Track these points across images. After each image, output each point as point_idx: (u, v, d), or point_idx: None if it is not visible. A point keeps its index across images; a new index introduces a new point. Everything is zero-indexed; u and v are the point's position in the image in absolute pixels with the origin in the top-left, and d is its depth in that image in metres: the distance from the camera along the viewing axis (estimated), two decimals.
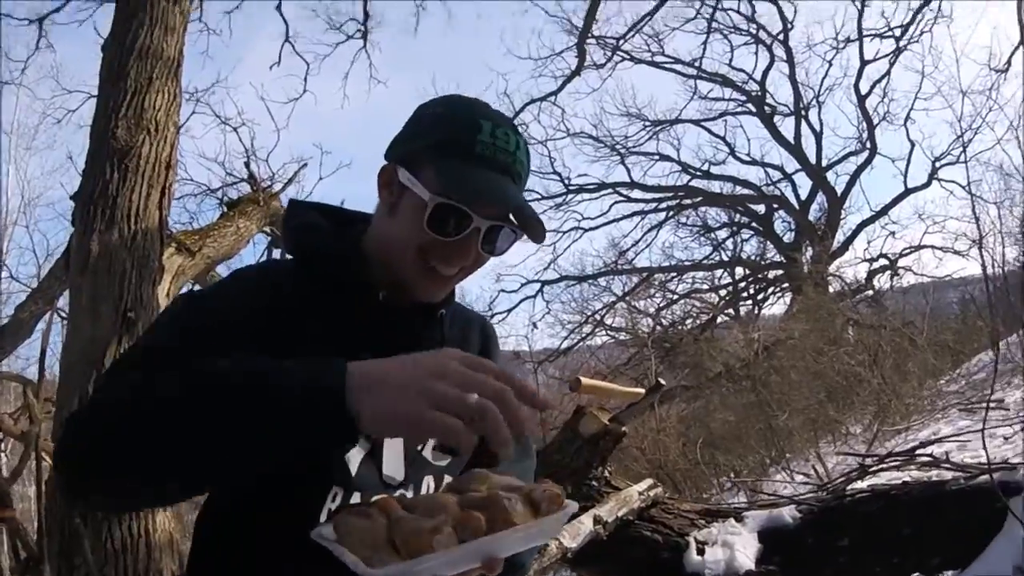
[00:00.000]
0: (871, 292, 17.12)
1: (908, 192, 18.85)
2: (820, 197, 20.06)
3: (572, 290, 20.16)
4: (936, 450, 4.06)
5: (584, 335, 18.85)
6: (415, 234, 1.22)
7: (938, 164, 18.07)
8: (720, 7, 19.26)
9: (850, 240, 19.38)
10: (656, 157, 20.73)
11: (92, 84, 4.27)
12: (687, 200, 20.99)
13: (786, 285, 19.13)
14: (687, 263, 20.60)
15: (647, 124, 20.56)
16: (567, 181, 20.45)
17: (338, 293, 1.27)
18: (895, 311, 13.30)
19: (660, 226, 20.80)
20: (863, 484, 3.74)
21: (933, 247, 17.86)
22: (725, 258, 20.92)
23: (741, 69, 20.23)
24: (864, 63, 19.04)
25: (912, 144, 18.79)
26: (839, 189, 19.75)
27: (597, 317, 19.09)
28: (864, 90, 19.08)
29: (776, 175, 20.66)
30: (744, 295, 20.46)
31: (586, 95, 28.45)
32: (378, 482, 1.25)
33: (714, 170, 20.84)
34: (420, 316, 1.33)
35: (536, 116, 23.58)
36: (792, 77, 19.79)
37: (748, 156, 20.71)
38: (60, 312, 5.64)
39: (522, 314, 24.24)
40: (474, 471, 1.10)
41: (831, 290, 15.64)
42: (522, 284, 19.93)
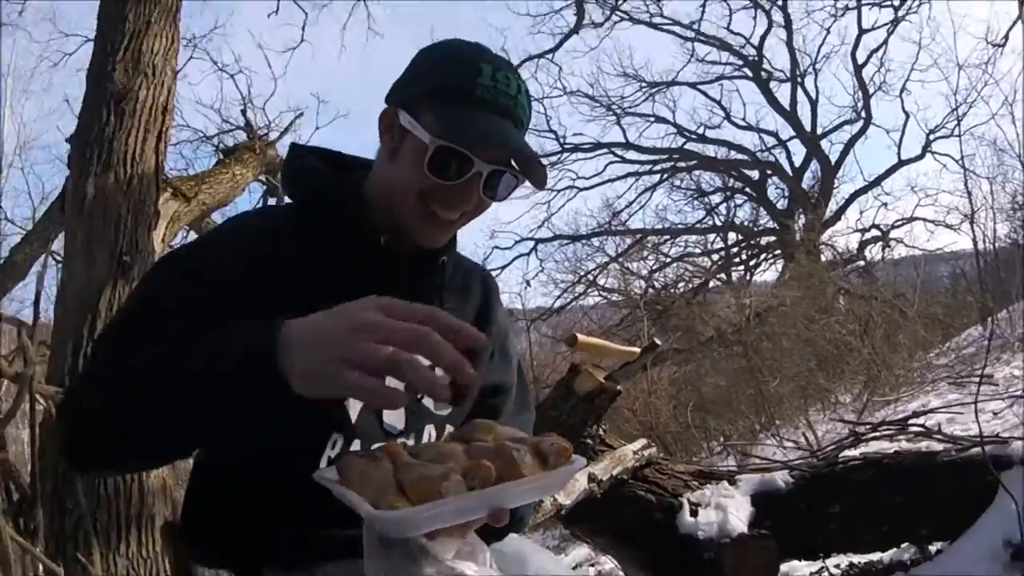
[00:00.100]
0: (862, 262, 17.10)
1: (901, 163, 18.91)
2: (814, 165, 20.10)
3: (566, 249, 20.18)
4: (928, 421, 4.08)
5: (577, 295, 18.91)
6: (416, 178, 1.21)
7: (932, 137, 18.11)
8: None
9: (843, 209, 19.45)
10: (652, 119, 20.68)
11: (89, 28, 4.21)
12: (681, 163, 20.98)
13: (778, 252, 19.19)
14: (680, 226, 20.62)
15: (643, 85, 20.48)
16: (562, 140, 20.39)
17: (338, 238, 1.26)
18: (886, 282, 13.31)
19: (654, 188, 20.84)
20: (855, 452, 3.76)
21: (925, 220, 17.96)
22: (718, 223, 20.95)
23: (739, 33, 20.09)
24: (862, 32, 18.94)
25: (907, 115, 18.83)
26: (833, 158, 19.78)
27: (590, 277, 19.14)
28: (861, 59, 19.01)
29: (771, 141, 20.68)
30: (736, 260, 20.51)
31: (583, 54, 28.14)
32: (378, 430, 1.25)
33: (709, 134, 20.81)
34: (421, 262, 1.31)
35: (533, 73, 23.32)
36: (789, 43, 19.69)
37: (743, 121, 20.68)
38: (55, 255, 5.59)
39: (515, 271, 24.22)
40: (477, 421, 1.09)
41: (823, 258, 15.65)
42: (516, 241, 19.93)
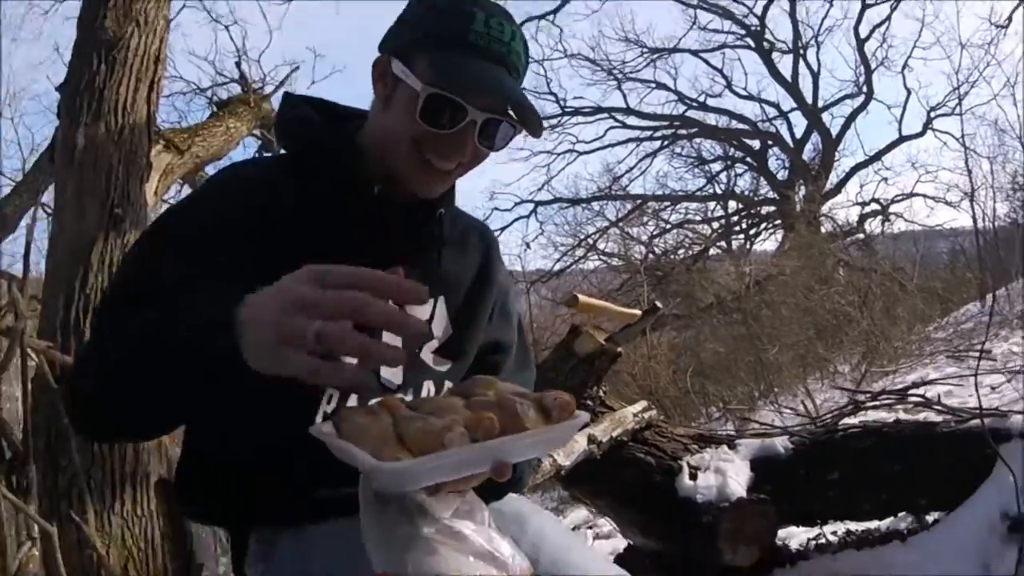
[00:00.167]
0: (862, 235, 17.16)
1: (902, 139, 18.93)
2: (815, 137, 20.11)
3: (565, 212, 20.17)
4: (927, 392, 4.06)
5: (577, 258, 18.93)
6: (409, 126, 1.18)
7: (933, 114, 18.13)
8: None
9: (843, 182, 19.50)
10: (653, 85, 20.60)
11: None
12: (682, 130, 20.90)
13: (778, 222, 19.19)
14: (681, 193, 20.60)
15: (645, 51, 20.38)
16: (563, 103, 20.28)
17: (332, 188, 1.23)
18: (885, 256, 13.36)
19: (655, 155, 20.80)
20: (854, 421, 3.75)
21: (925, 196, 18.03)
22: (719, 191, 20.95)
23: (742, 2, 19.88)
24: (865, 6, 18.78)
25: (908, 92, 18.84)
26: (834, 131, 19.76)
27: (590, 241, 19.14)
28: (864, 34, 18.90)
29: (772, 112, 20.61)
30: (736, 229, 20.52)
31: (585, 17, 27.90)
32: (376, 385, 1.23)
33: (710, 102, 20.77)
34: (417, 212, 1.28)
35: (534, 35, 23.16)
36: (792, 15, 19.54)
37: (745, 91, 20.59)
38: (46, 207, 5.53)
39: (515, 234, 24.26)
40: (478, 376, 1.08)
41: (823, 230, 15.68)
42: (516, 203, 19.94)
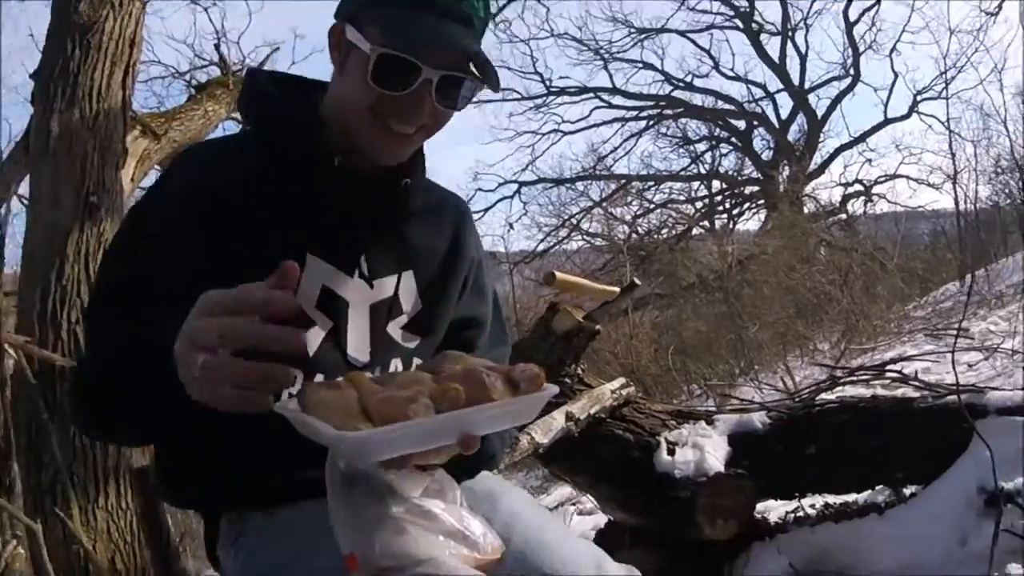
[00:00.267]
0: (844, 216, 17.29)
1: (888, 122, 19.03)
2: (800, 118, 20.17)
3: (549, 193, 20.17)
4: (905, 368, 4.07)
5: (560, 238, 18.97)
6: (364, 91, 1.14)
7: (919, 98, 18.21)
8: None
9: (827, 163, 19.62)
10: (639, 65, 20.56)
11: None
12: (668, 110, 20.92)
13: (762, 202, 19.24)
14: (665, 173, 20.62)
15: (632, 31, 20.32)
16: (548, 82, 20.25)
17: (294, 161, 1.20)
18: (867, 236, 13.44)
19: (640, 135, 20.81)
20: (832, 396, 3.76)
21: (908, 177, 18.17)
22: (703, 171, 20.97)
23: None
24: None
25: (895, 75, 19.14)
26: (819, 112, 19.84)
27: (574, 221, 19.13)
28: (853, 17, 18.92)
29: (758, 93, 20.64)
30: (720, 208, 20.59)
31: None
32: (342, 362, 1.21)
33: (697, 83, 20.73)
34: (382, 184, 1.25)
35: (520, 13, 23.21)
36: None
37: (732, 71, 20.61)
38: (23, 199, 5.46)
39: (499, 214, 24.21)
40: (448, 352, 1.06)
41: (806, 210, 15.76)
42: (499, 184, 19.92)
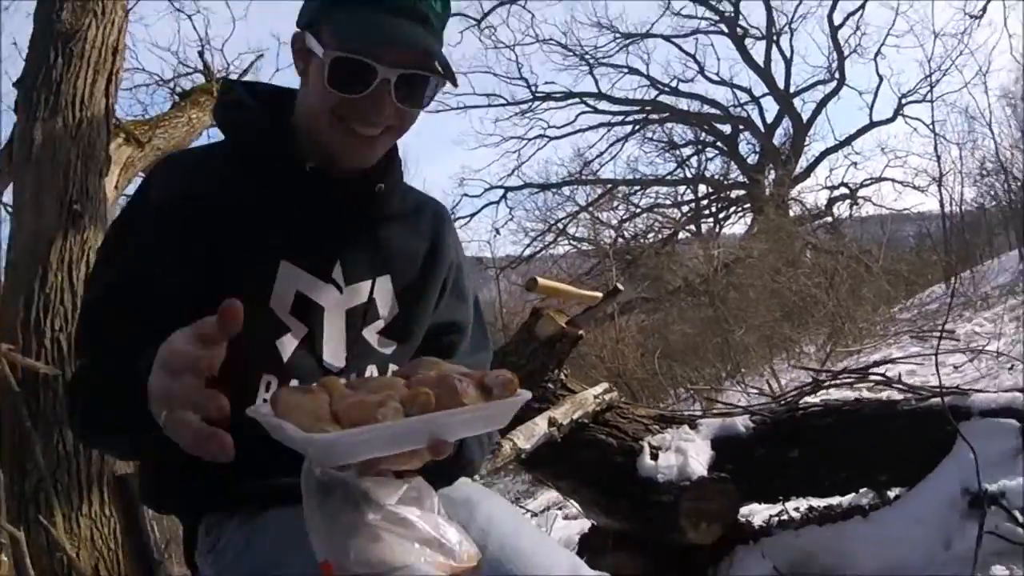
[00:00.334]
0: (830, 219, 17.39)
1: (873, 125, 19.15)
2: (786, 122, 20.29)
3: (536, 198, 20.21)
4: (889, 371, 4.08)
5: (547, 243, 19.00)
6: (324, 97, 1.15)
7: (904, 101, 18.36)
8: None
9: (812, 167, 19.74)
10: (625, 70, 20.66)
11: None
12: (654, 115, 21.00)
13: (747, 205, 19.34)
14: (651, 177, 20.65)
15: (618, 36, 20.42)
16: (534, 88, 20.30)
17: (268, 170, 1.21)
18: (852, 238, 13.51)
19: (626, 139, 20.89)
20: (816, 399, 3.76)
21: (893, 180, 18.28)
22: (689, 175, 21.02)
23: None
24: None
25: (880, 79, 19.00)
26: (805, 116, 19.96)
27: (560, 226, 19.16)
28: (837, 20, 19.07)
29: (744, 97, 20.77)
30: (706, 212, 20.68)
31: (557, 1, 27.83)
32: (317, 368, 1.20)
33: (682, 87, 20.87)
34: (353, 188, 1.25)
35: (505, 19, 23.25)
36: (766, 1, 19.58)
37: (717, 76, 20.71)
38: (6, 207, 5.44)
39: (485, 220, 24.28)
40: (423, 358, 1.04)
41: (791, 213, 15.81)
42: (485, 189, 19.95)
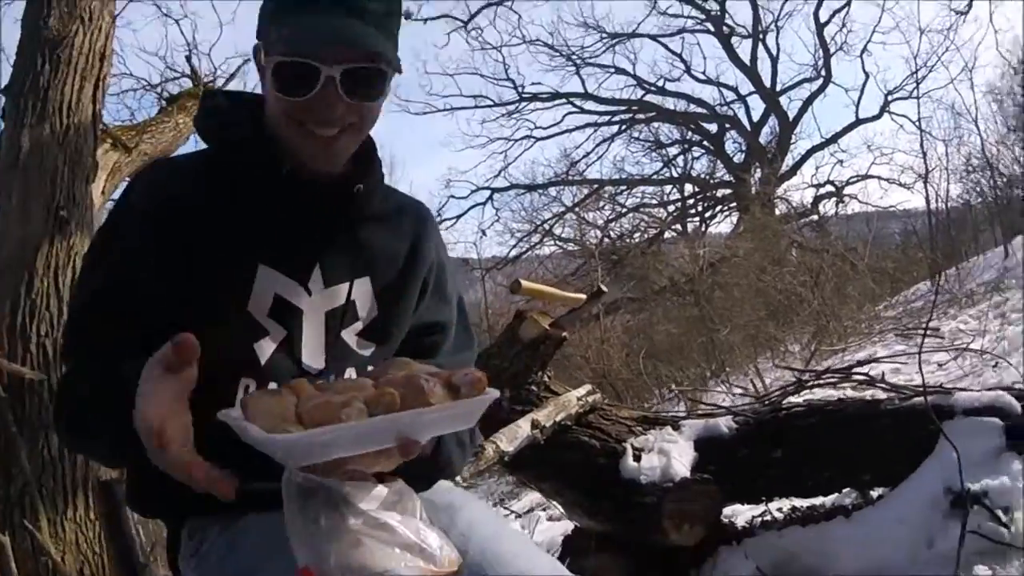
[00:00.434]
0: (816, 217, 17.43)
1: (859, 122, 19.26)
2: (772, 120, 20.39)
3: (522, 199, 20.23)
4: (872, 370, 4.08)
5: (533, 244, 19.02)
6: (278, 103, 1.16)
7: (890, 98, 18.48)
8: None
9: (799, 165, 19.80)
10: (611, 70, 20.72)
11: None
12: (640, 115, 21.05)
13: (734, 204, 19.38)
14: (637, 177, 20.70)
15: (604, 36, 20.48)
16: (520, 89, 20.33)
17: (246, 176, 1.22)
18: (838, 236, 13.56)
19: (612, 139, 20.95)
20: (799, 399, 3.76)
21: (879, 178, 18.36)
22: (675, 174, 21.08)
23: None
24: None
25: (866, 76, 19.06)
26: (791, 114, 20.05)
27: (546, 227, 19.15)
28: (823, 18, 19.21)
29: (730, 95, 20.85)
30: (692, 212, 20.74)
31: (544, 2, 27.83)
32: (295, 371, 1.20)
33: (669, 87, 20.94)
34: (333, 190, 1.25)
35: (492, 20, 23.23)
36: None
37: (703, 75, 20.79)
38: None
39: (471, 221, 24.26)
40: (394, 359, 1.05)
41: (777, 212, 15.85)
42: (471, 191, 19.97)
